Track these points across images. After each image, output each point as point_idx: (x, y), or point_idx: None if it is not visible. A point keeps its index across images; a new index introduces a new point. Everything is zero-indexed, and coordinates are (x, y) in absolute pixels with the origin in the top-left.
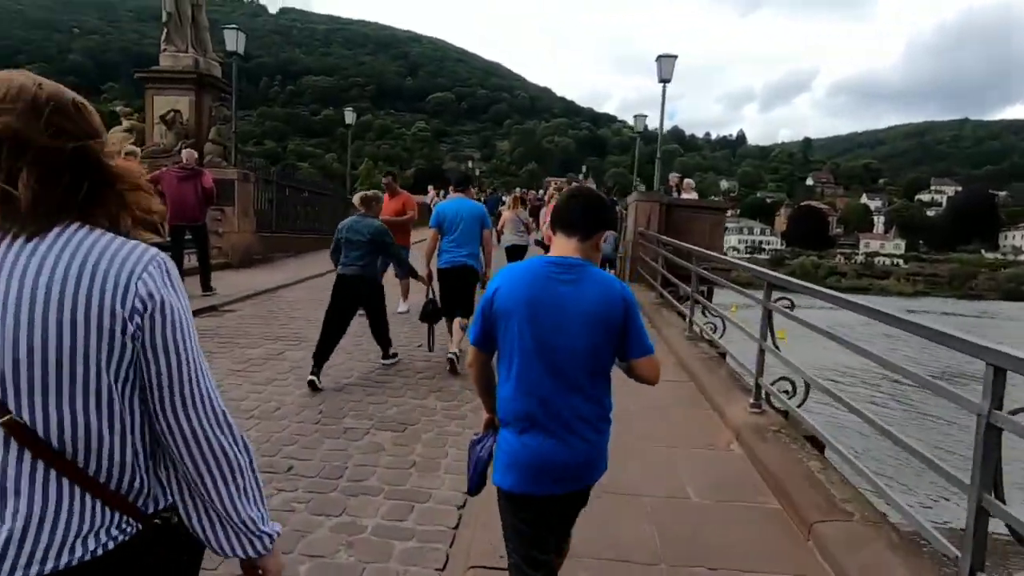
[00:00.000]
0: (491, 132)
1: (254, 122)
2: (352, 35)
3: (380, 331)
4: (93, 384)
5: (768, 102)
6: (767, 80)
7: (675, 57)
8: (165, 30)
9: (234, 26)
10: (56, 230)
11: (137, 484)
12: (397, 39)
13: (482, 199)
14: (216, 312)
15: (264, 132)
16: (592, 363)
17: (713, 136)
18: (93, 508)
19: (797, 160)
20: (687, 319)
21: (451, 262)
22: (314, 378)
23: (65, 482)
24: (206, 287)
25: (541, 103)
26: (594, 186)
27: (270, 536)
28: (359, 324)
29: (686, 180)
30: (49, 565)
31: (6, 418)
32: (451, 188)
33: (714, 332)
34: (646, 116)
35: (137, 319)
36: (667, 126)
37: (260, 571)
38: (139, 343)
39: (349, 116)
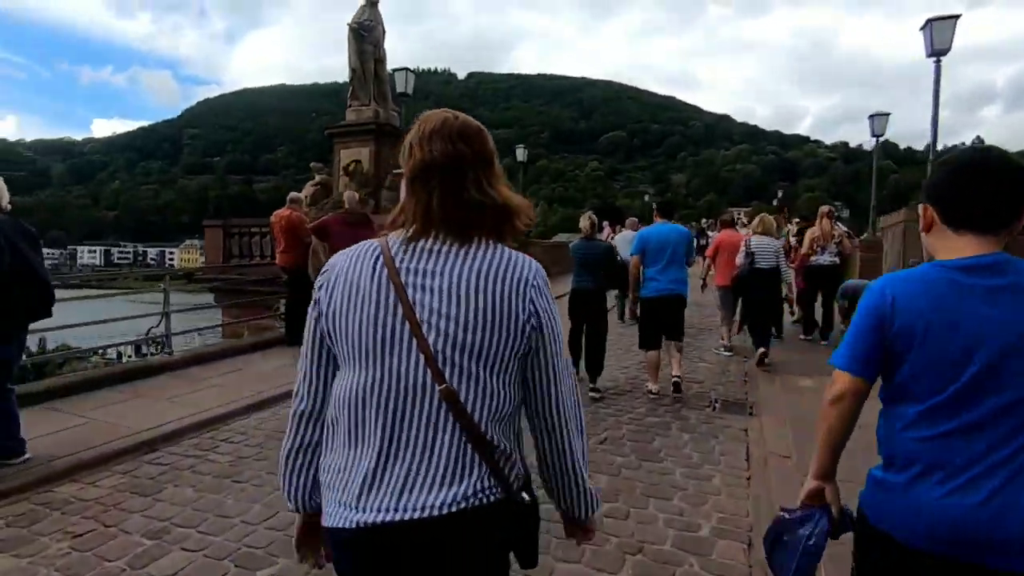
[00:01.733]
0: (665, 166)
1: None
2: (530, 88)
3: (600, 353)
4: (503, 363)
5: (1016, 100)
6: (1013, 73)
7: (955, 18)
8: (351, 87)
9: (404, 67)
10: (477, 240)
11: (512, 458)
12: (571, 86)
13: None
14: None
15: None
16: None
17: (939, 147)
18: (480, 468)
19: None
20: None
21: (658, 291)
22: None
23: (469, 444)
24: None
25: (719, 131)
26: (786, 212)
27: (596, 495)
28: None
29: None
30: (427, 499)
31: (443, 387)
32: (655, 215)
33: None
34: (887, 115)
35: (533, 320)
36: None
37: (587, 531)
38: (530, 337)
39: (520, 153)
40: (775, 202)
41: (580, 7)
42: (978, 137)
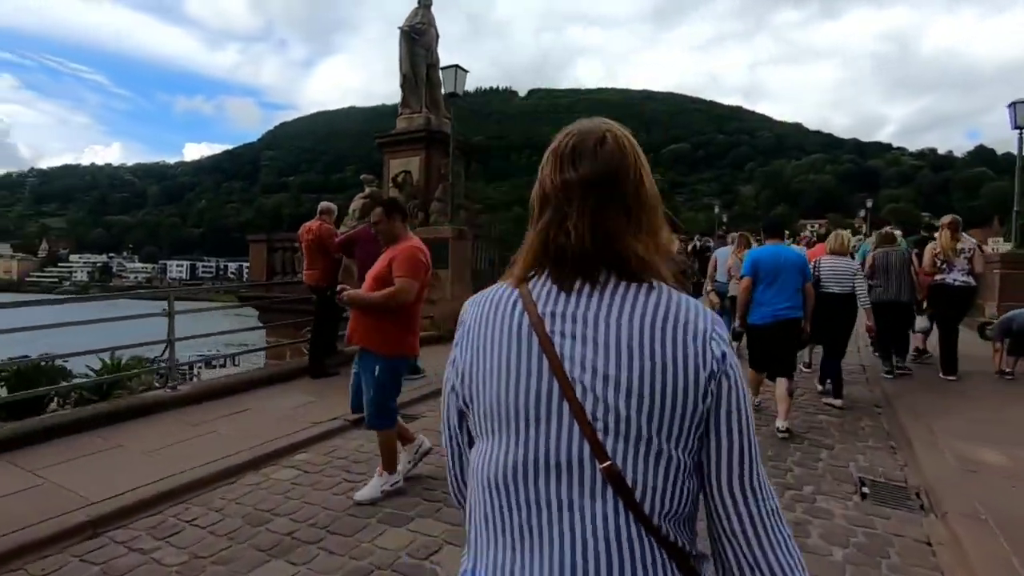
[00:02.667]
0: (731, 177)
1: (505, 191)
2: (591, 103)
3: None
4: (680, 436)
5: None
6: None
7: None
8: (402, 93)
9: (454, 64)
10: (645, 284)
11: (671, 532)
12: (632, 100)
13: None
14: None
15: (513, 200)
16: None
17: None
18: (652, 550)
19: None
20: None
21: (771, 316)
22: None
23: (632, 519)
24: (413, 369)
25: (790, 141)
26: (864, 227)
27: None
28: None
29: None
30: None
31: (606, 465)
32: (763, 236)
33: None
34: None
35: (713, 382)
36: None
37: None
38: (709, 404)
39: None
40: (863, 213)
41: (643, 20)
42: None
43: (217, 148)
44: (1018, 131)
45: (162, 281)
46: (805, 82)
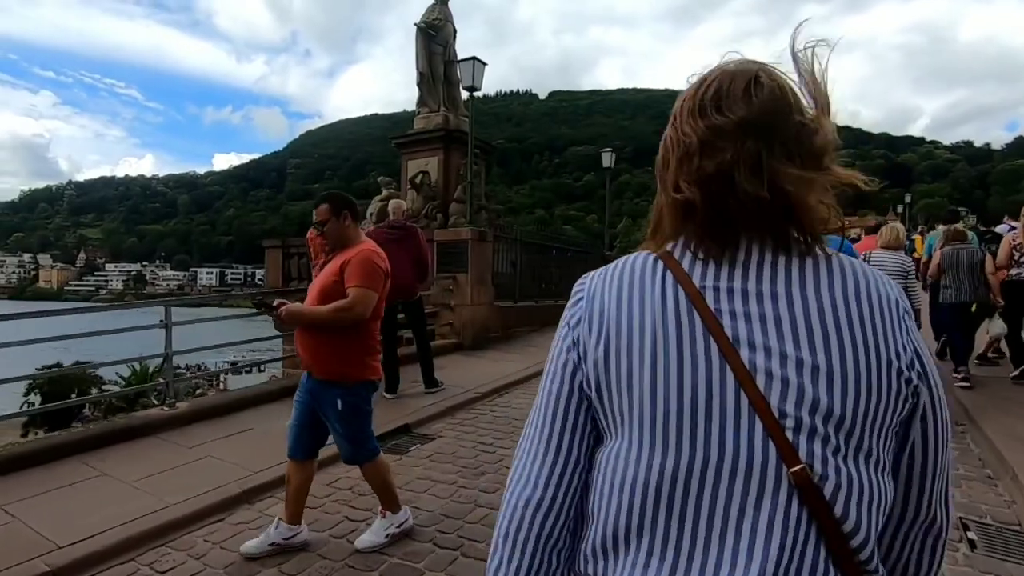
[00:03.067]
0: None
1: (526, 193)
2: (612, 103)
3: None
4: (880, 436)
5: None
6: None
7: None
8: (419, 92)
9: (471, 57)
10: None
11: (871, 557)
12: (654, 100)
13: None
14: (418, 438)
15: (534, 202)
16: None
17: None
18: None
19: None
20: None
21: None
22: None
23: (832, 564)
24: (430, 382)
25: None
26: (901, 223)
27: None
28: None
29: None
30: None
31: (797, 468)
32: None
33: None
34: None
35: (917, 366)
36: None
37: None
38: (911, 391)
39: (607, 158)
40: (900, 208)
41: (663, 20)
42: None
43: (245, 157)
44: None
45: (193, 288)
46: (831, 76)
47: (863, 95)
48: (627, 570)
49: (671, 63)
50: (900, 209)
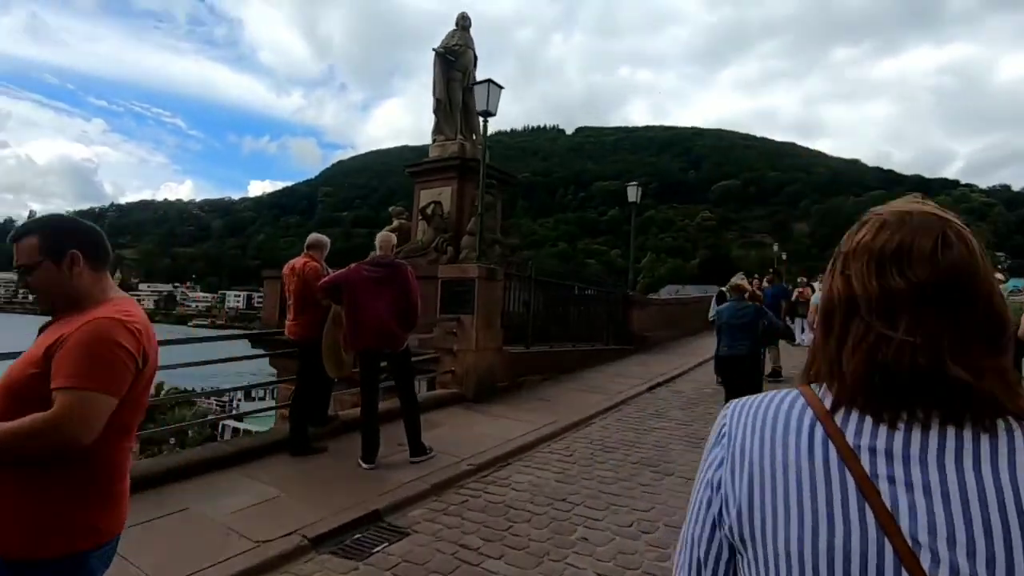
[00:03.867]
0: (785, 214)
1: (550, 227)
2: (637, 140)
3: None
4: None
5: None
6: None
7: None
8: (435, 119)
9: (487, 79)
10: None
11: None
12: (680, 137)
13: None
14: (387, 532)
15: (558, 235)
16: None
17: None
18: None
19: None
20: None
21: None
22: None
23: None
24: (416, 449)
25: (847, 177)
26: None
27: None
28: None
29: None
30: None
31: None
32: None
33: None
34: None
35: None
36: None
37: None
38: None
39: (632, 193)
40: None
41: (692, 62)
42: None
43: (279, 184)
44: None
45: (221, 310)
46: (862, 118)
47: (896, 136)
48: None
49: (698, 102)
50: None
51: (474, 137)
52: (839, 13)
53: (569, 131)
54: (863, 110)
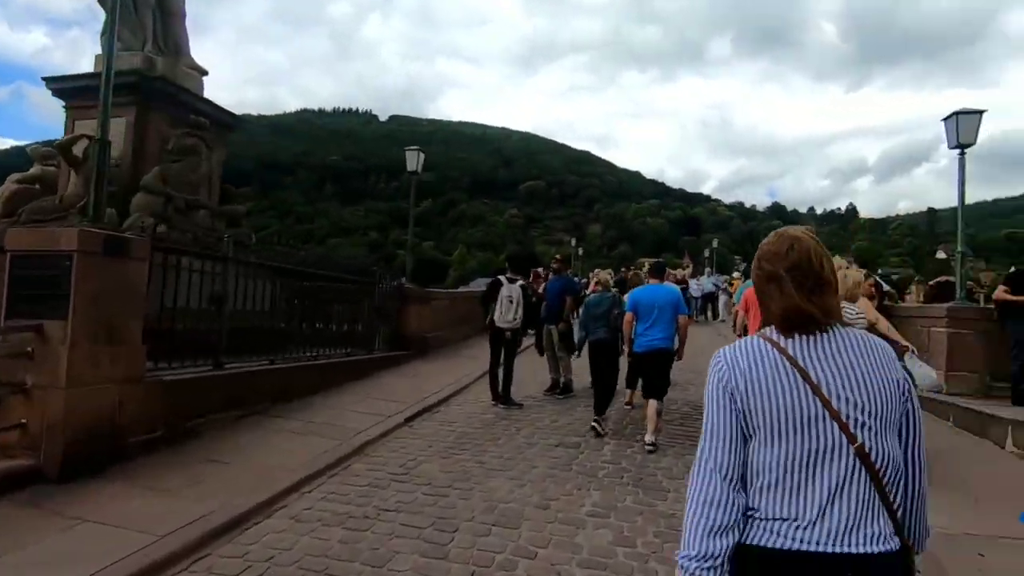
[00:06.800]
0: (582, 216)
1: (361, 215)
2: (450, 135)
3: (610, 391)
4: (894, 427)
5: (885, 173)
6: (883, 150)
7: (980, 113)
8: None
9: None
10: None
11: (902, 515)
12: (491, 136)
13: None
14: None
15: (369, 224)
16: None
17: (818, 211)
18: (884, 520)
19: (921, 232)
20: None
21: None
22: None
23: (877, 495)
24: None
25: (631, 187)
26: (690, 265)
27: (930, 532)
28: None
29: None
30: (866, 548)
31: (857, 444)
32: (648, 277)
33: None
34: (980, 112)
35: (908, 389)
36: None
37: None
38: (905, 403)
39: (412, 158)
40: (707, 253)
41: (508, 63)
42: (851, 204)
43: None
44: (958, 150)
45: None
46: (646, 136)
47: (670, 156)
48: (773, 503)
49: (510, 104)
50: (707, 253)
51: (176, 54)
52: (631, 42)
53: (383, 118)
54: (646, 129)
